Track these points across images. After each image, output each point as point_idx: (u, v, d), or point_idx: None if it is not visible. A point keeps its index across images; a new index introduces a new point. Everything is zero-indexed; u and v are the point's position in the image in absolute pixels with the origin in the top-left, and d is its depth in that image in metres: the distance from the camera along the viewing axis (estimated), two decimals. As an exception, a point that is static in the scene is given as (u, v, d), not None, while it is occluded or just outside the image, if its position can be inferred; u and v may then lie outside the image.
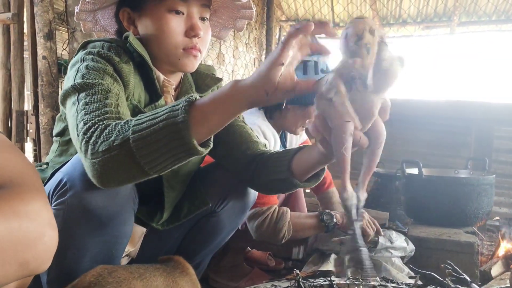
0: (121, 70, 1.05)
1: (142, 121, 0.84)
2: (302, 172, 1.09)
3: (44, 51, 2.29)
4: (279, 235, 1.68)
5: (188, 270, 1.06)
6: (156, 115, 0.84)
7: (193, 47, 1.12)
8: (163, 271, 1.01)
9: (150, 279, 0.95)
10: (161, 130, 0.81)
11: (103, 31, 1.28)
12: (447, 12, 5.03)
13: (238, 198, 1.36)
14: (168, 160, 0.84)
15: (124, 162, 0.84)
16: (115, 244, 1.08)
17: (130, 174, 0.87)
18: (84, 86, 0.96)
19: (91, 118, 0.89)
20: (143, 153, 0.82)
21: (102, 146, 0.83)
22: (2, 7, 2.44)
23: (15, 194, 0.63)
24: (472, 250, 1.83)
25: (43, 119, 2.32)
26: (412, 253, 1.77)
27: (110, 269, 0.92)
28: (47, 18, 2.27)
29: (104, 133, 0.85)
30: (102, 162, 0.84)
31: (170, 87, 1.20)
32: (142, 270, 0.97)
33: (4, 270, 0.57)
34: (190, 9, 1.12)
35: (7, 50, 2.48)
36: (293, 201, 2.10)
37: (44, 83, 2.30)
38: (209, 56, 3.70)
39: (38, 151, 2.41)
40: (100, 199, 0.99)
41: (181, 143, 0.81)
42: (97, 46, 1.07)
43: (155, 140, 0.81)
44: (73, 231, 1.00)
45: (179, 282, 1.00)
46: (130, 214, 1.10)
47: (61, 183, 1.00)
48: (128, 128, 0.83)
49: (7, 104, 2.50)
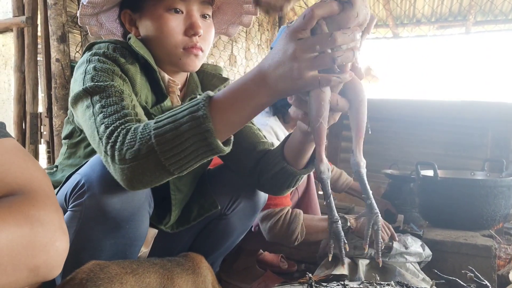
0: (128, 71, 1.05)
1: (162, 125, 0.83)
2: (295, 158, 1.07)
3: (57, 54, 2.31)
4: (292, 237, 1.67)
5: (199, 270, 1.04)
6: (177, 116, 0.83)
7: (193, 46, 1.11)
8: (159, 267, 0.99)
9: (143, 275, 0.95)
10: (184, 134, 0.81)
11: (110, 34, 1.28)
12: (462, 11, 4.96)
13: (248, 200, 1.35)
14: (193, 161, 0.85)
15: (151, 168, 0.84)
16: (131, 246, 1.08)
17: (158, 177, 0.87)
18: (96, 88, 0.96)
19: (112, 121, 0.89)
20: (170, 160, 0.83)
21: (129, 154, 0.84)
22: (16, 10, 2.47)
23: (26, 200, 0.63)
24: (489, 254, 1.78)
25: (57, 121, 2.34)
26: (429, 258, 1.73)
27: (102, 265, 0.92)
28: (60, 21, 2.30)
29: (127, 139, 0.85)
30: (132, 169, 0.85)
31: (175, 87, 1.19)
32: (136, 265, 0.96)
33: (15, 275, 0.57)
34: (189, 7, 1.10)
35: (21, 53, 2.51)
36: (307, 202, 2.08)
37: (58, 85, 2.33)
38: (221, 57, 3.70)
39: (52, 153, 2.43)
40: (118, 202, 0.99)
41: (205, 144, 0.82)
42: (102, 47, 1.07)
43: (179, 143, 0.82)
44: (90, 233, 1.01)
45: (175, 280, 0.98)
46: (146, 217, 1.10)
47: (79, 184, 1.00)
48: (149, 134, 0.83)
49: (21, 107, 2.53)
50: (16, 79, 2.52)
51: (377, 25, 5.31)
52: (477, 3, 4.69)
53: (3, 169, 0.64)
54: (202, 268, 1.05)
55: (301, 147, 1.04)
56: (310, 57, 0.72)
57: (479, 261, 1.78)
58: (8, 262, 0.56)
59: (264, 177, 1.18)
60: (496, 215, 2.08)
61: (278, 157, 1.10)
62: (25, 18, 2.42)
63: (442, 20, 5.17)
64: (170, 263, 1.02)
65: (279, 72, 0.76)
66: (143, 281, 0.94)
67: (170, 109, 1.17)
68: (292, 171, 1.08)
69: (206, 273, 1.06)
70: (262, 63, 0.80)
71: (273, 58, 0.77)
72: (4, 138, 0.68)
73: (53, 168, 1.25)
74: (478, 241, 1.85)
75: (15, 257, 0.57)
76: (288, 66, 0.74)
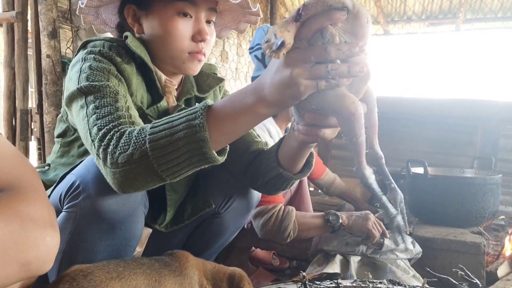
0: (124, 70, 1.04)
1: (157, 131, 0.83)
2: (291, 163, 1.07)
3: (48, 50, 2.29)
4: (284, 234, 1.68)
5: (185, 270, 1.01)
6: (173, 123, 0.83)
7: (198, 51, 1.11)
8: (147, 268, 0.96)
9: (129, 278, 0.91)
10: (179, 141, 0.81)
11: (103, 24, 1.25)
12: (452, 9, 5.01)
13: (242, 199, 1.35)
14: (186, 168, 0.85)
15: (144, 174, 0.84)
16: (125, 246, 1.08)
17: (150, 182, 0.87)
18: (91, 88, 0.95)
19: (106, 124, 0.88)
20: (163, 166, 0.83)
21: (121, 158, 0.83)
22: (6, 5, 2.44)
23: (15, 195, 0.63)
24: (478, 251, 1.81)
25: (47, 117, 2.32)
26: (419, 255, 1.76)
27: (85, 271, 0.87)
28: (51, 17, 2.27)
29: (121, 143, 0.84)
30: (123, 173, 0.84)
31: (172, 87, 1.18)
32: (121, 268, 0.92)
33: (5, 270, 0.57)
34: (199, 13, 1.10)
35: (11, 48, 2.48)
36: (299, 200, 2.09)
37: (48, 81, 2.30)
38: (212, 53, 3.69)
39: (43, 150, 2.41)
40: (113, 203, 0.99)
41: (199, 153, 0.82)
42: (98, 45, 1.06)
43: (173, 150, 0.81)
44: (85, 234, 1.00)
45: (162, 282, 0.96)
46: (141, 217, 1.10)
47: (74, 185, 0.99)
48: (144, 138, 0.83)
49: (11, 103, 2.51)
50: (6, 74, 2.49)
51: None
52: (467, 1, 4.74)
53: None
54: (188, 268, 1.03)
55: (297, 154, 1.03)
56: (305, 67, 0.72)
57: (468, 258, 1.81)
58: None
59: (260, 181, 1.17)
60: (485, 212, 2.11)
61: (273, 162, 1.09)
62: (15, 13, 2.39)
63: (432, 18, 5.21)
64: (158, 263, 1.00)
65: (275, 82, 0.75)
66: (129, 284, 0.91)
67: (166, 109, 1.16)
68: (288, 176, 1.08)
69: (192, 274, 1.03)
70: (262, 75, 0.80)
71: (270, 69, 0.77)
72: None
73: (45, 166, 1.24)
74: (467, 238, 1.88)
75: (6, 252, 0.57)
76: (284, 75, 0.73)
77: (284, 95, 0.75)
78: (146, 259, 1.01)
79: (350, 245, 1.71)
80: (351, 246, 1.72)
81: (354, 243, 1.72)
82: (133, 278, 0.92)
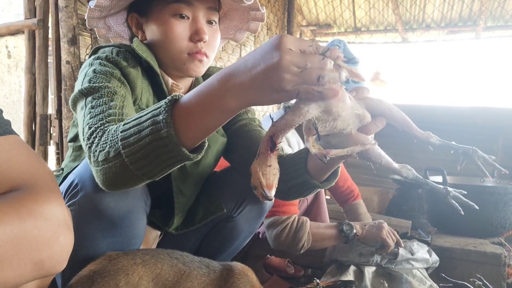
0: (129, 74, 1.06)
1: (127, 128, 0.80)
2: (320, 173, 1.05)
3: (67, 56, 2.33)
4: (298, 245, 1.65)
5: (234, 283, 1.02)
6: (141, 119, 0.79)
7: (197, 51, 1.11)
8: (179, 262, 1.00)
9: (154, 266, 0.97)
10: (145, 138, 0.77)
11: (118, 37, 1.29)
12: (472, 16, 4.93)
13: (255, 203, 1.34)
14: (160, 166, 0.81)
15: (122, 172, 0.82)
16: (128, 244, 1.08)
17: (130, 181, 0.85)
18: (90, 90, 0.97)
19: (95, 122, 0.89)
20: (136, 165, 0.80)
21: (101, 156, 0.83)
22: (28, 13, 2.50)
23: (30, 195, 0.64)
24: (498, 262, 1.76)
25: (66, 123, 2.35)
26: (436, 264, 1.71)
27: (113, 257, 0.96)
28: (71, 24, 2.31)
29: (101, 141, 0.83)
30: (104, 171, 0.83)
31: (179, 91, 1.19)
32: (148, 256, 0.99)
33: (19, 269, 0.58)
34: (196, 13, 1.11)
35: (32, 55, 2.53)
36: (316, 209, 2.06)
37: (68, 87, 2.34)
38: (229, 61, 3.71)
39: (61, 155, 2.44)
40: (111, 200, 0.99)
41: (167, 150, 0.77)
42: (106, 51, 1.08)
43: (141, 148, 0.78)
44: (86, 231, 1.01)
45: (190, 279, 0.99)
46: (142, 214, 1.09)
47: (73, 184, 1.01)
48: (117, 136, 0.81)
49: (31, 108, 2.55)
50: (26, 80, 2.54)
51: (386, 29, 5.29)
52: (487, 8, 4.66)
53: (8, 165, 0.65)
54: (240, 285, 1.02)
55: (328, 166, 1.00)
56: (296, 70, 0.65)
57: (488, 269, 1.76)
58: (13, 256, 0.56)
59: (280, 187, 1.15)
60: (506, 222, 2.05)
61: (301, 169, 1.05)
62: (36, 20, 2.44)
63: (452, 25, 5.14)
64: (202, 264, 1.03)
65: (254, 78, 0.67)
66: (152, 271, 0.96)
67: None
68: (315, 184, 1.05)
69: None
70: (233, 65, 0.72)
71: (247, 62, 0.69)
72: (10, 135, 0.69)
73: (59, 170, 1.25)
74: (487, 248, 1.83)
75: (20, 250, 0.57)
76: (269, 74, 0.65)
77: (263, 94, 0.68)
78: (191, 256, 1.05)
79: (364, 256, 1.68)
80: (365, 256, 1.69)
81: (368, 253, 1.69)
82: (159, 266, 0.98)
